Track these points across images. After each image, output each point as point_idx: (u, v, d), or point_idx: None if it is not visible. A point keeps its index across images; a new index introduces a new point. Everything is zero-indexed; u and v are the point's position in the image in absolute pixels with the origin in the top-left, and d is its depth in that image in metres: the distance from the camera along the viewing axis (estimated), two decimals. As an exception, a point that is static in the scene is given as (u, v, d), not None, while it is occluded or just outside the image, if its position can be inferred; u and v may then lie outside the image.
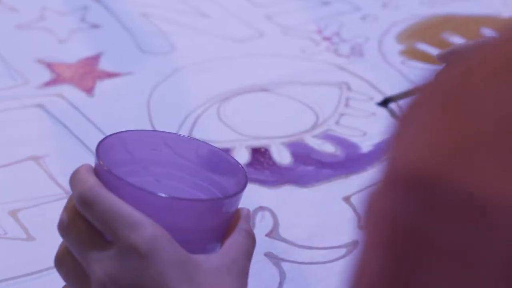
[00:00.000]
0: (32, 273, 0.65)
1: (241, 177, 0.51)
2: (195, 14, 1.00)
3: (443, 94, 0.31)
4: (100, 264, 0.47)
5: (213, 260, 0.48)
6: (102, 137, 0.78)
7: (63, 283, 0.64)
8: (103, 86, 0.86)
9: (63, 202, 0.71)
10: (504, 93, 0.28)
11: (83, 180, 0.48)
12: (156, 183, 0.53)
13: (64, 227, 0.50)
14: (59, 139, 0.79)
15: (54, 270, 0.66)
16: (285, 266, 0.66)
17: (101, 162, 0.49)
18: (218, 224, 0.50)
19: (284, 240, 0.68)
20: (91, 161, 0.75)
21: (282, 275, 0.65)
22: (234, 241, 0.49)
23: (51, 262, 0.66)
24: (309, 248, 0.67)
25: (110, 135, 0.53)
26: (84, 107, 0.83)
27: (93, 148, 0.77)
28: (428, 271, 0.29)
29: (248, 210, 0.52)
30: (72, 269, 0.49)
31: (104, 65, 0.90)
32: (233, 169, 0.52)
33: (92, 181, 0.48)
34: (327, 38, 0.96)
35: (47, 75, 0.87)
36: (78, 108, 0.82)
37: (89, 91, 0.85)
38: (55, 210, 0.70)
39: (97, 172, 0.49)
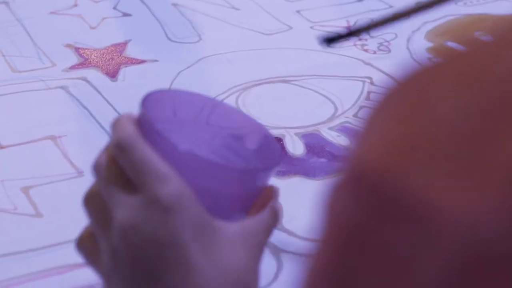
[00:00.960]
0: (37, 249, 0.66)
1: (276, 154, 0.51)
2: (226, 6, 1.01)
3: (404, 96, 0.30)
4: (124, 210, 0.48)
5: (233, 229, 0.49)
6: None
7: (66, 260, 0.65)
8: (127, 72, 0.87)
9: (75, 181, 0.73)
10: (461, 101, 0.28)
11: (123, 127, 0.49)
12: (191, 145, 0.54)
13: (98, 167, 0.50)
14: (79, 121, 0.80)
15: (59, 247, 0.67)
16: (284, 256, 0.65)
17: (144, 114, 0.50)
18: (246, 195, 0.51)
19: (286, 231, 0.68)
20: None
21: (280, 265, 0.64)
22: (258, 214, 0.50)
23: (56, 238, 0.67)
24: (310, 240, 0.67)
25: (159, 90, 0.53)
26: (106, 91, 0.84)
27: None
28: (369, 275, 0.28)
29: (277, 188, 0.52)
30: (99, 209, 0.50)
31: (131, 51, 0.91)
32: (269, 145, 0.53)
33: (130, 129, 0.49)
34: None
35: (74, 59, 0.89)
36: (100, 92, 0.84)
37: (113, 75, 0.86)
38: (66, 189, 0.72)
39: (139, 122, 0.50)
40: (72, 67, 0.87)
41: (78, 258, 0.64)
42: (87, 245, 0.52)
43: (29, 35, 0.92)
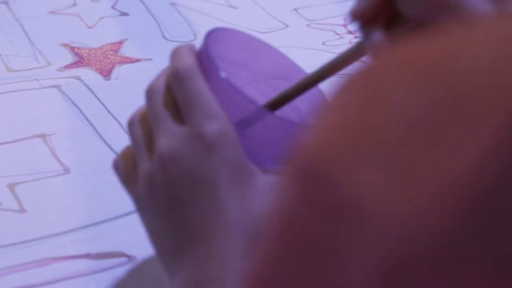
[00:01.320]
0: (19, 243, 0.67)
1: None
2: (224, 5, 1.01)
3: (355, 87, 0.30)
4: (168, 138, 0.48)
5: (269, 178, 0.49)
6: (112, 119, 0.81)
7: (47, 254, 0.65)
8: (121, 71, 0.88)
9: (60, 179, 0.73)
10: (412, 96, 0.27)
11: (183, 57, 0.50)
12: (242, 86, 0.54)
13: (151, 91, 0.51)
14: (70, 119, 0.80)
15: (41, 241, 0.68)
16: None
17: (205, 48, 0.50)
18: (283, 147, 0.51)
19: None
20: (97, 143, 0.77)
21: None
22: None
23: (38, 233, 0.68)
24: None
25: (226, 28, 0.54)
26: (99, 90, 0.84)
27: (101, 130, 0.79)
28: (302, 272, 0.27)
29: None
30: (143, 133, 0.51)
31: (126, 51, 0.91)
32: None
33: (190, 60, 0.49)
34: (351, 32, 0.95)
35: (69, 58, 0.89)
36: (92, 91, 0.84)
37: (107, 75, 0.87)
38: (51, 186, 0.72)
39: (199, 55, 0.50)
40: (67, 66, 0.88)
41: (58, 252, 0.66)
42: (125, 165, 0.52)
43: (27, 34, 0.93)
